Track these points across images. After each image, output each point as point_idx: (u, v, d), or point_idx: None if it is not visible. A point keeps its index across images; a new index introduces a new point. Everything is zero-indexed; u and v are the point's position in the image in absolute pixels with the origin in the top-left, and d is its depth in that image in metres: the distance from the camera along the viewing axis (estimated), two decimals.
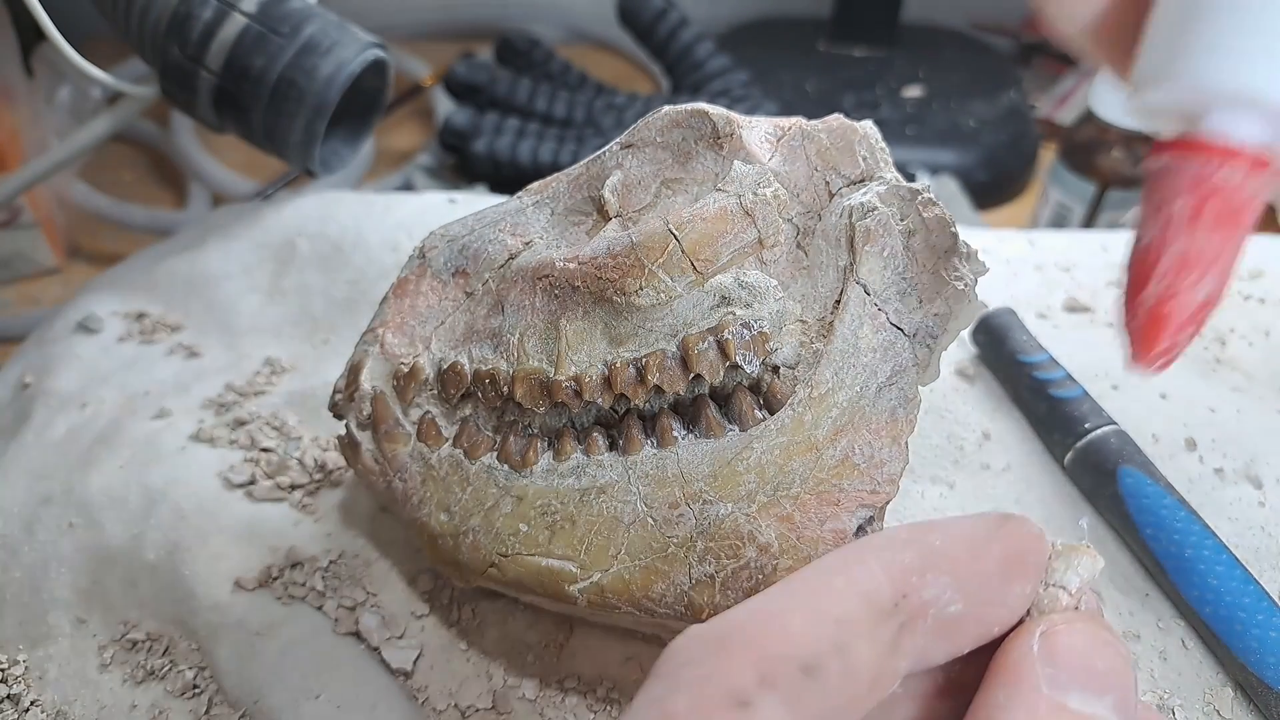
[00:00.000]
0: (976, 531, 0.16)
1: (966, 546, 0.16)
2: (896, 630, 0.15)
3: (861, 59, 0.70)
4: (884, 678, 0.15)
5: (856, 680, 0.15)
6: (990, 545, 0.16)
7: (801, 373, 0.26)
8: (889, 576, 0.15)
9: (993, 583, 0.16)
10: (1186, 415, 0.38)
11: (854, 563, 0.16)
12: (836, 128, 0.28)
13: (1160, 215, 0.16)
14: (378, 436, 0.29)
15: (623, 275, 0.26)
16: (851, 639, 0.15)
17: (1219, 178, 0.16)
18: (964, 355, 0.41)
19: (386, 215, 0.45)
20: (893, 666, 0.15)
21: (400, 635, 0.31)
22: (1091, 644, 0.15)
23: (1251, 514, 0.34)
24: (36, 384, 0.39)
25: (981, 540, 0.16)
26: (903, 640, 0.15)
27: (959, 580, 0.16)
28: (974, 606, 0.16)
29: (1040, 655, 0.15)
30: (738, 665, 0.14)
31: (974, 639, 0.16)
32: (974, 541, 0.16)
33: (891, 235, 0.26)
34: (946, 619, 0.16)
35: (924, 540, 0.16)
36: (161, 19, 0.41)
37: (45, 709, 0.30)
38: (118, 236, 0.55)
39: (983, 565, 0.16)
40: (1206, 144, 0.16)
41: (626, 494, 0.26)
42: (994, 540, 0.16)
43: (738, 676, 0.14)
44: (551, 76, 0.63)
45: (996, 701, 0.15)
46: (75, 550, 0.33)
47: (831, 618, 0.15)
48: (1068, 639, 0.15)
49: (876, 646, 0.15)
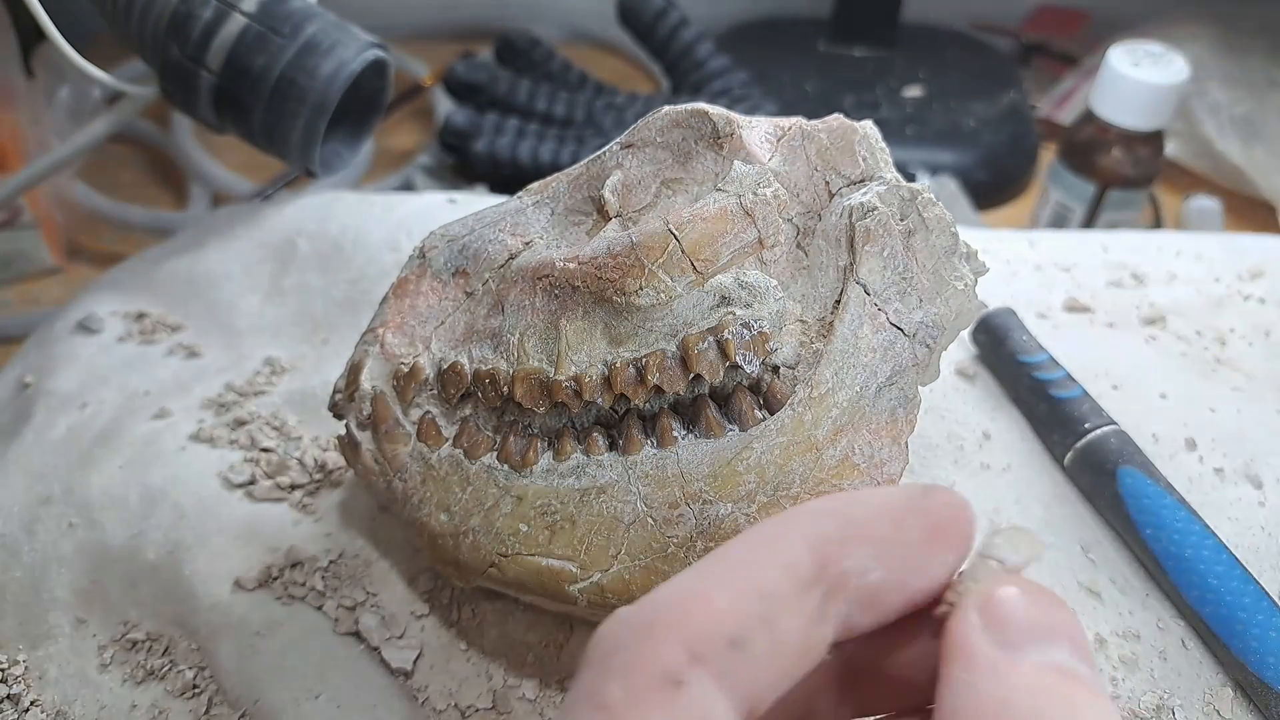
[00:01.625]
0: (899, 501, 0.17)
1: (888, 516, 0.16)
2: (820, 600, 0.15)
3: (861, 59, 0.70)
4: (812, 647, 0.15)
5: (784, 651, 0.15)
6: (912, 515, 0.16)
7: (801, 373, 0.26)
8: (809, 547, 0.16)
9: (915, 551, 0.16)
10: (1186, 415, 0.38)
11: (775, 536, 0.16)
12: (836, 128, 0.28)
13: None
14: (378, 436, 0.29)
15: (623, 275, 0.26)
16: (776, 611, 0.15)
17: None
18: (964, 355, 0.41)
19: (386, 215, 0.45)
20: (820, 635, 0.16)
21: (400, 635, 0.31)
22: (1029, 600, 0.16)
23: (1251, 514, 0.34)
24: (36, 384, 0.39)
25: (903, 510, 0.16)
26: (827, 609, 0.16)
27: (880, 549, 0.16)
28: (896, 575, 0.16)
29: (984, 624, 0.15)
30: (667, 645, 0.14)
31: (898, 608, 0.16)
32: (896, 511, 0.16)
33: (891, 235, 0.26)
34: (868, 587, 0.16)
35: (845, 511, 0.16)
36: (161, 19, 0.41)
37: (45, 709, 0.30)
38: (118, 236, 0.55)
39: (904, 534, 0.16)
40: None
41: (626, 494, 0.26)
42: (916, 510, 0.16)
43: (668, 657, 0.14)
44: (551, 76, 0.63)
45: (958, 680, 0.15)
46: (75, 550, 0.33)
47: (755, 591, 0.15)
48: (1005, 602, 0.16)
49: (801, 617, 0.15)
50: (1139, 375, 0.40)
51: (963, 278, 0.26)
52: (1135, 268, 0.46)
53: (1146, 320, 0.43)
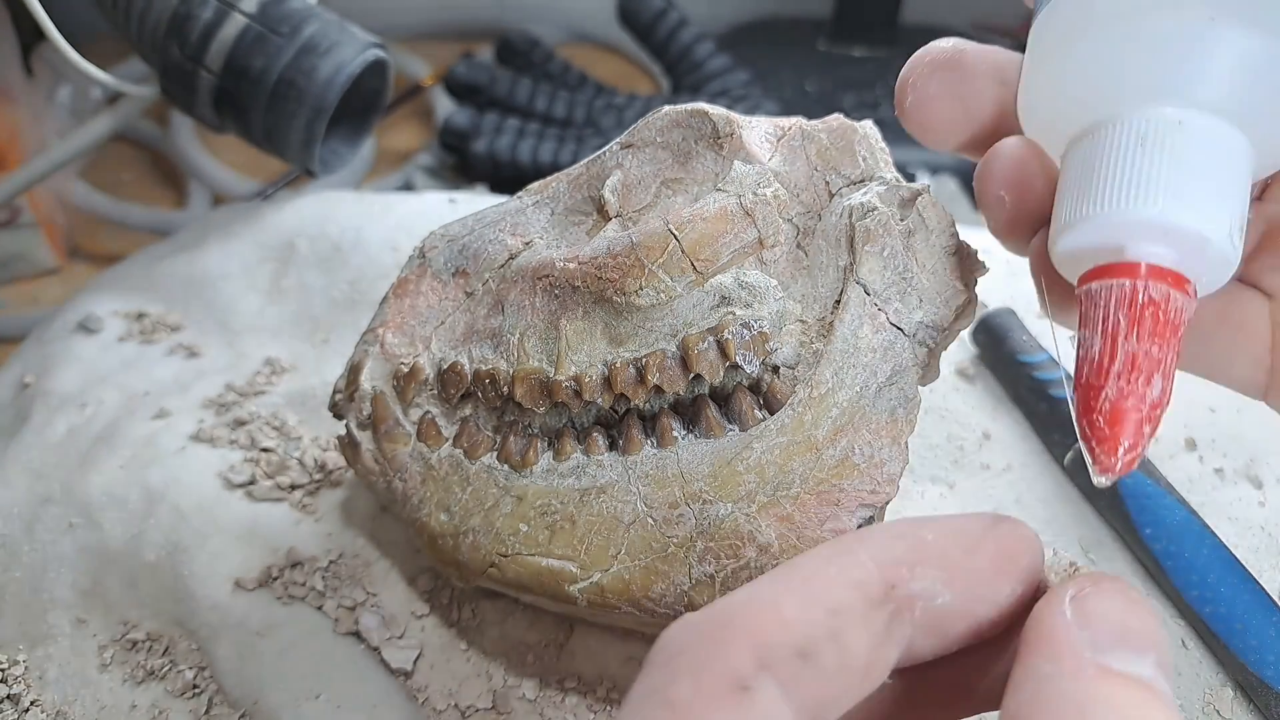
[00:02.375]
0: (970, 528, 0.16)
1: (959, 542, 0.16)
2: (887, 619, 0.15)
3: (861, 59, 0.70)
4: (876, 666, 0.15)
5: (851, 667, 0.15)
6: (983, 542, 0.16)
7: (801, 373, 0.26)
8: (879, 567, 0.15)
9: (983, 579, 0.16)
10: (1186, 415, 0.38)
11: (844, 553, 0.16)
12: (836, 128, 0.28)
13: (1103, 328, 0.18)
14: (378, 436, 0.29)
15: (623, 275, 0.26)
16: (845, 626, 0.15)
17: (1149, 292, 0.18)
18: (964, 355, 0.41)
19: (386, 215, 0.45)
20: (884, 656, 0.15)
21: (400, 635, 0.31)
22: (1124, 604, 0.15)
23: (1251, 514, 0.34)
24: (36, 384, 0.39)
25: (974, 537, 0.16)
26: (894, 630, 0.15)
27: (949, 575, 0.16)
28: (963, 602, 0.16)
29: (1075, 619, 0.15)
30: (735, 650, 0.14)
31: (963, 635, 0.16)
32: (966, 538, 0.16)
33: (891, 235, 0.26)
34: (935, 611, 0.16)
35: (915, 534, 0.16)
36: (161, 19, 0.41)
37: (45, 709, 0.30)
38: (118, 236, 0.55)
39: (974, 561, 0.16)
40: (1132, 266, 0.18)
41: (626, 494, 0.26)
42: (987, 538, 0.16)
43: (737, 661, 0.14)
44: (551, 76, 0.63)
45: (1040, 672, 0.15)
46: (75, 550, 0.33)
47: (824, 605, 0.15)
48: (1099, 601, 0.15)
49: (868, 635, 0.15)
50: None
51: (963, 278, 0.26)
52: None
53: None
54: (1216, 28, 0.17)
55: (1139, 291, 0.18)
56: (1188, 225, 0.17)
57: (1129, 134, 0.18)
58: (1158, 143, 0.18)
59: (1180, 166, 0.17)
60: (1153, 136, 0.18)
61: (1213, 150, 0.18)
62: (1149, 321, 0.17)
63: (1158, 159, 0.18)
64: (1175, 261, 0.18)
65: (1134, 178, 0.18)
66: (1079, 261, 0.19)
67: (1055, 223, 0.19)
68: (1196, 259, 0.18)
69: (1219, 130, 0.18)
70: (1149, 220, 0.17)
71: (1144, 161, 0.18)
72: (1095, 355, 0.18)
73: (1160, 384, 0.17)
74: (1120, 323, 0.17)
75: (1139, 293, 0.18)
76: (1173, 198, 0.17)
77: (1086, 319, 0.18)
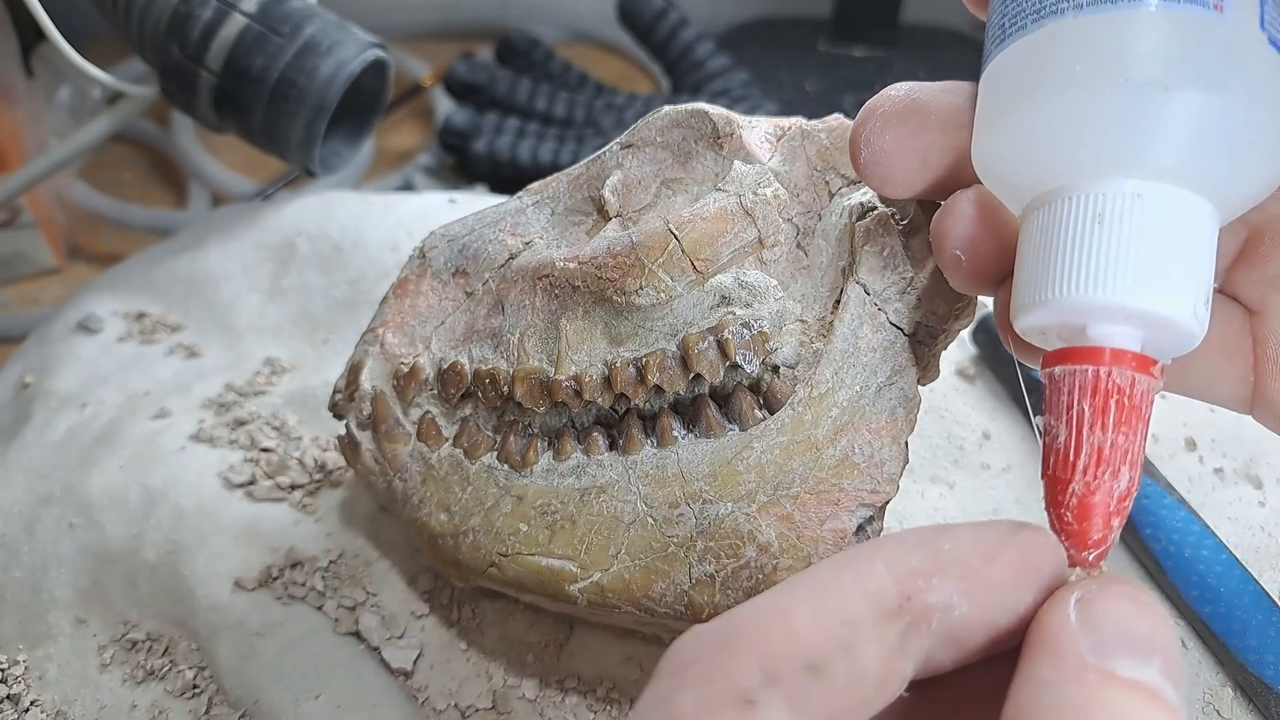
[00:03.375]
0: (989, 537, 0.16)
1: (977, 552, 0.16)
2: (903, 632, 0.15)
3: (861, 59, 0.70)
4: (890, 680, 0.15)
5: (862, 681, 0.15)
6: (1003, 552, 0.16)
7: (801, 372, 0.26)
8: (894, 577, 0.15)
9: (1004, 589, 0.16)
10: (1186, 415, 0.38)
11: (859, 563, 0.15)
12: (836, 128, 0.28)
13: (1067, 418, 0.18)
14: (378, 436, 0.29)
15: (623, 275, 0.26)
16: (857, 639, 0.15)
17: (1114, 379, 0.17)
18: (964, 355, 0.41)
19: (386, 215, 0.45)
20: (899, 669, 0.15)
21: (400, 635, 0.31)
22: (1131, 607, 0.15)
23: (1251, 514, 0.34)
24: (36, 384, 0.39)
25: (994, 546, 0.16)
26: (909, 642, 0.15)
27: (967, 585, 0.15)
28: (982, 613, 0.15)
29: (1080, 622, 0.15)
30: (743, 664, 0.14)
31: (982, 648, 0.16)
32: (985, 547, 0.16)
33: (891, 235, 0.26)
34: (953, 623, 0.15)
35: (932, 544, 0.16)
36: (161, 19, 0.41)
37: (45, 709, 0.30)
38: (118, 236, 0.55)
39: (994, 571, 0.16)
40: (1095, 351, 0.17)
41: (626, 494, 0.26)
42: (1006, 547, 0.16)
43: (743, 675, 0.14)
44: (551, 76, 0.63)
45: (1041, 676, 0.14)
46: (75, 550, 0.33)
47: (837, 617, 0.15)
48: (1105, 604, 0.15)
49: (883, 647, 0.15)
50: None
51: None
52: None
53: None
54: (1171, 95, 0.17)
55: (1102, 379, 0.17)
56: (1150, 309, 0.17)
57: (1086, 210, 0.17)
58: (1116, 220, 0.17)
59: (1140, 245, 0.17)
60: (1110, 213, 0.17)
61: (1174, 222, 0.17)
62: (1114, 410, 0.17)
63: (1117, 238, 0.17)
64: (1140, 342, 0.17)
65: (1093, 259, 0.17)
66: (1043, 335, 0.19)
67: (1015, 299, 0.19)
68: (1162, 337, 0.17)
69: (1179, 199, 0.17)
70: (1110, 305, 0.17)
71: (1103, 241, 0.17)
72: (1061, 448, 0.17)
73: (1128, 474, 0.17)
74: (1085, 413, 0.17)
75: (1102, 380, 0.17)
76: (1133, 280, 0.17)
77: (1052, 405, 0.18)
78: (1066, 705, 0.14)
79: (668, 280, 0.26)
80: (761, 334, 0.26)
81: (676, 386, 0.26)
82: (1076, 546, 0.17)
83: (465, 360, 0.29)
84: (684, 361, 0.26)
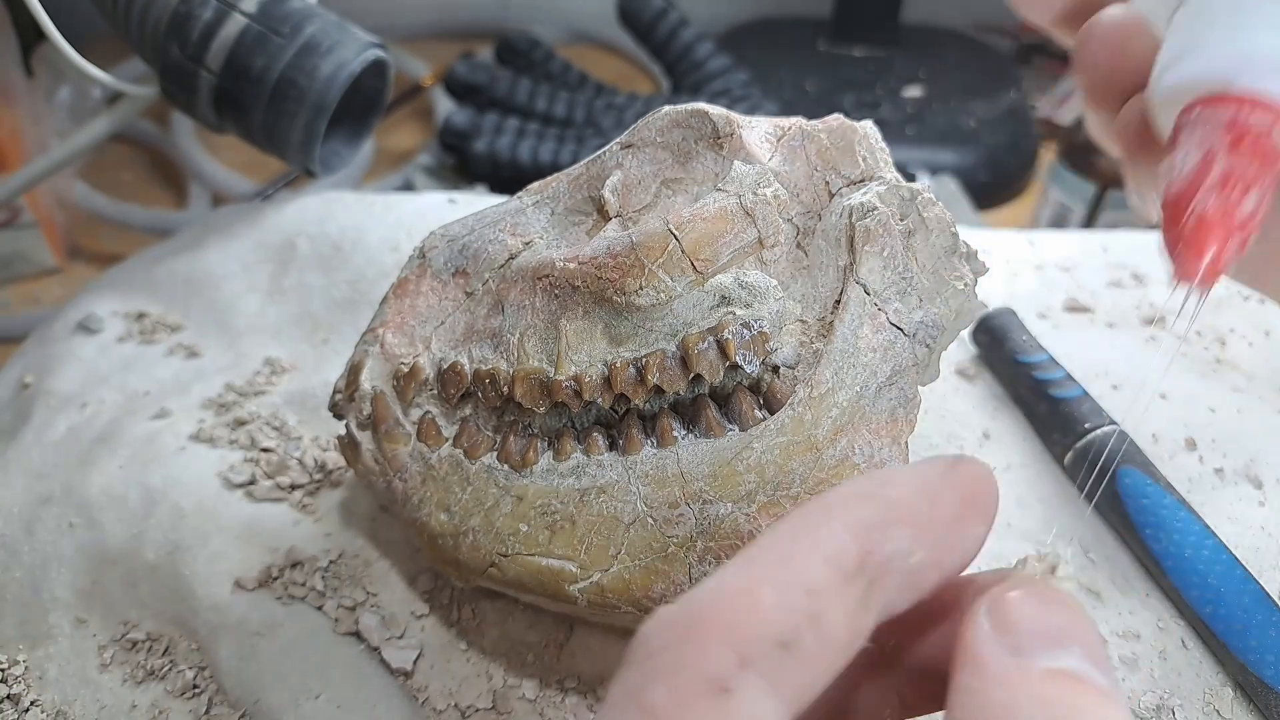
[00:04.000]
0: (930, 477, 0.16)
1: (922, 493, 0.16)
2: (865, 589, 0.15)
3: (861, 59, 0.70)
4: (856, 637, 0.15)
5: (832, 646, 0.15)
6: (945, 490, 0.16)
7: (801, 373, 0.26)
8: (852, 535, 0.15)
9: (951, 529, 0.16)
10: (1186, 415, 0.38)
11: (816, 525, 0.15)
12: (836, 128, 0.28)
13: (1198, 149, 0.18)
14: (378, 436, 0.29)
15: (623, 275, 0.26)
16: (824, 607, 0.15)
17: (1252, 121, 0.17)
18: (964, 355, 0.41)
19: (386, 215, 0.45)
20: (864, 625, 0.15)
21: (400, 635, 0.31)
22: (1039, 604, 0.15)
23: (1251, 514, 0.34)
24: (36, 384, 0.39)
25: (936, 485, 0.16)
26: (871, 598, 0.15)
27: (918, 530, 0.16)
28: (933, 553, 0.16)
29: (994, 628, 0.15)
30: (714, 649, 0.14)
31: (934, 585, 0.16)
32: (930, 488, 0.16)
33: (891, 235, 0.26)
34: (909, 570, 0.16)
35: (882, 493, 0.16)
36: (161, 19, 0.41)
37: (45, 709, 0.30)
38: (118, 236, 0.55)
39: (939, 511, 0.16)
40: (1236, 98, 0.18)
41: (626, 494, 0.26)
42: (948, 485, 0.16)
43: (715, 661, 0.14)
44: (551, 76, 0.63)
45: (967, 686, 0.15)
46: (75, 550, 0.33)
47: (802, 588, 0.15)
48: (1014, 606, 0.15)
49: (848, 609, 0.15)
50: (1139, 375, 0.40)
51: (963, 278, 0.26)
52: (1135, 268, 0.46)
53: (1146, 320, 0.43)
54: None
55: (1240, 118, 0.17)
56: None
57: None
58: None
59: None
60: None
61: None
62: (1248, 143, 0.17)
63: None
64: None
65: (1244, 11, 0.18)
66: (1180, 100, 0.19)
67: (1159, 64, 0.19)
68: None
69: None
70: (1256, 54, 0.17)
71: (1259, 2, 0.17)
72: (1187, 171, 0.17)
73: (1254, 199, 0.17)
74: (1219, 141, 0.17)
75: (1242, 118, 0.17)
76: None
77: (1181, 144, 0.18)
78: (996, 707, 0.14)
79: (668, 280, 0.26)
80: (761, 334, 0.26)
81: (676, 387, 0.26)
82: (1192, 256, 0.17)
83: (465, 360, 0.29)
84: (684, 362, 0.26)
